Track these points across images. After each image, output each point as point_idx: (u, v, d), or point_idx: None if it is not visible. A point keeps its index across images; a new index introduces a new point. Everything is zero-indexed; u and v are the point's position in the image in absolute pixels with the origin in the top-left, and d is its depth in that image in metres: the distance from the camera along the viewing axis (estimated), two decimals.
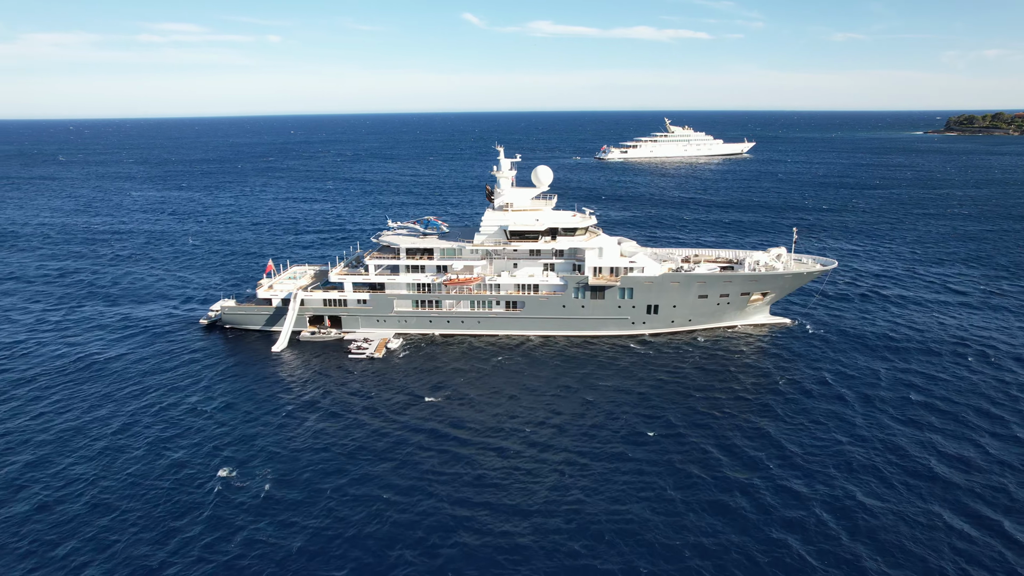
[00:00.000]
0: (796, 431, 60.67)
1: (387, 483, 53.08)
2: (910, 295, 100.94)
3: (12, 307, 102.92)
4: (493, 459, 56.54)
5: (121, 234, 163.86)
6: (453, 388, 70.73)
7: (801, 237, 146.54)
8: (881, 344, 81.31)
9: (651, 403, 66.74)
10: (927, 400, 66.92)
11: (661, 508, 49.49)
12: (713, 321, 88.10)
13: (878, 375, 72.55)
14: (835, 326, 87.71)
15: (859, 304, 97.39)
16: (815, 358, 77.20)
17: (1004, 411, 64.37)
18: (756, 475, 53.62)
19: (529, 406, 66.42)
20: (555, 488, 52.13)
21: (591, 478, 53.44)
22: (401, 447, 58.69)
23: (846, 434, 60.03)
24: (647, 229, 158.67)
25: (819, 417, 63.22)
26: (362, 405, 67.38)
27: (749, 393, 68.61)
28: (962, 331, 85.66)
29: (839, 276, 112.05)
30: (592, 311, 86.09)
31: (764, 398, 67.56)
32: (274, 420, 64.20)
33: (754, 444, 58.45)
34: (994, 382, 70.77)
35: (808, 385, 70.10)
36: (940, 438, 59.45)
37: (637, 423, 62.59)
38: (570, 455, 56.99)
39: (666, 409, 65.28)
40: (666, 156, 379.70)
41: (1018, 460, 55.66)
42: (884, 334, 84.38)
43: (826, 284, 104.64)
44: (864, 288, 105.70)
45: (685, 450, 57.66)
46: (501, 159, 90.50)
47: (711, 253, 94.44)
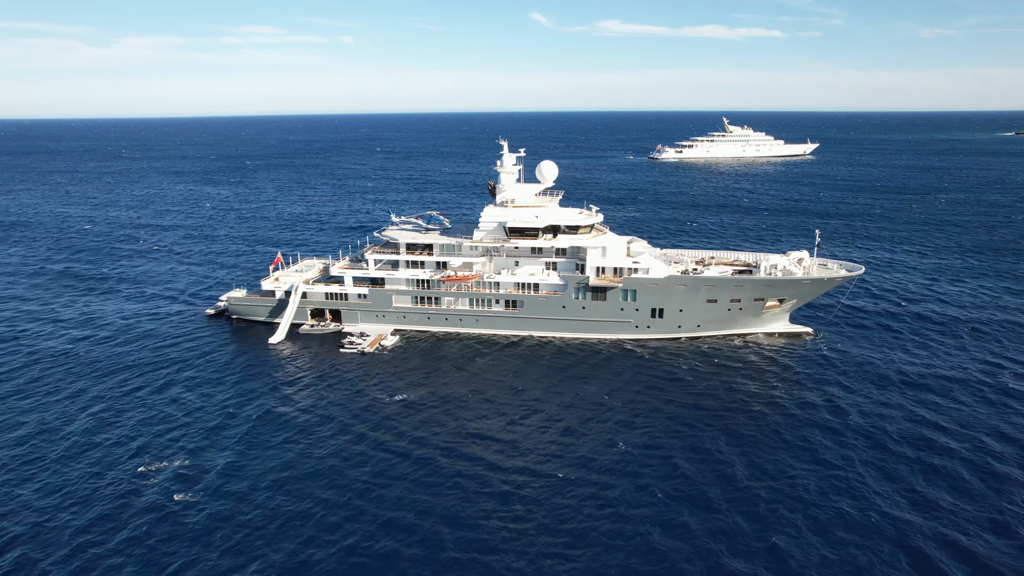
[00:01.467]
0: (758, 467, 53.61)
1: (327, 482, 51.55)
2: (949, 315, 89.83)
3: (42, 288, 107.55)
4: (439, 465, 54.00)
5: (158, 227, 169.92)
6: (429, 389, 68.53)
7: (844, 242, 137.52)
8: (900, 374, 70.29)
9: (620, 413, 62.71)
10: (936, 462, 53.20)
11: (605, 529, 45.84)
12: (725, 328, 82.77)
13: (887, 413, 61.64)
14: (856, 343, 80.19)
15: (890, 321, 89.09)
16: (820, 380, 68.90)
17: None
18: (689, 512, 48.95)
19: (499, 411, 63.39)
20: (497, 500, 49.19)
21: (538, 495, 50.06)
22: (351, 446, 56.96)
23: (812, 487, 49.85)
24: (677, 232, 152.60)
25: (787, 460, 55.12)
26: (330, 401, 66.26)
27: (729, 411, 62.90)
28: (998, 370, 75.48)
29: (873, 285, 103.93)
30: (593, 313, 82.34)
31: (738, 420, 61.81)
32: (238, 411, 63.88)
33: (704, 473, 53.04)
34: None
35: (797, 411, 62.28)
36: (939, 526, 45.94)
37: (604, 435, 58.77)
38: (524, 466, 53.63)
39: (636, 424, 61.01)
40: (723, 157, 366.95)
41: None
42: (907, 362, 73.78)
43: (851, 292, 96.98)
44: (897, 300, 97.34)
45: (638, 469, 53.56)
46: (504, 154, 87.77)
47: (728, 255, 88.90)
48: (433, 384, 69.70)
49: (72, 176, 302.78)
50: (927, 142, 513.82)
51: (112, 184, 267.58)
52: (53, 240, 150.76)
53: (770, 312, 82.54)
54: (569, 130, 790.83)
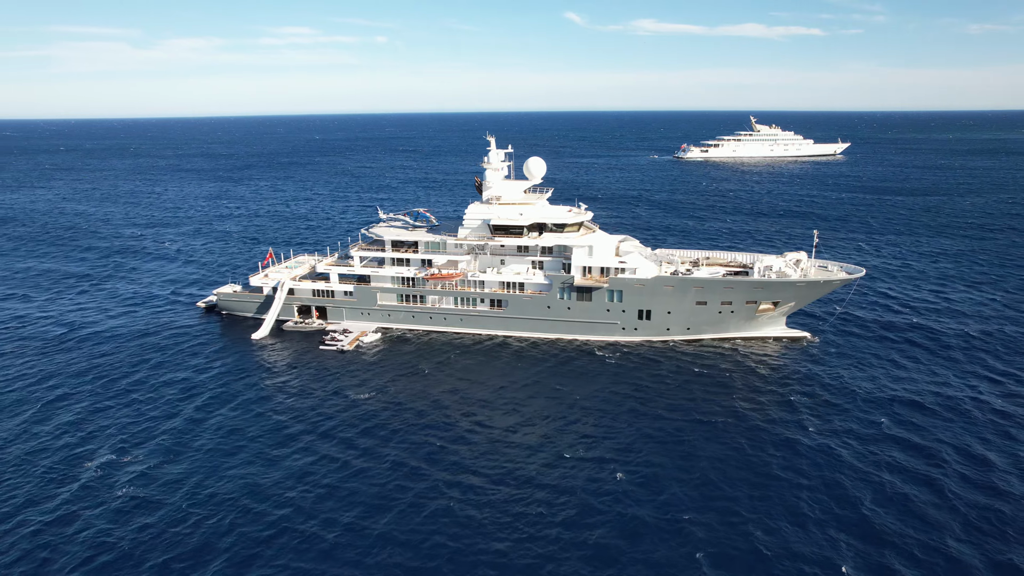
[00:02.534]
0: (710, 488, 50.06)
1: (256, 481, 50.60)
2: (955, 327, 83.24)
3: (44, 278, 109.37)
4: (377, 464, 52.64)
5: (170, 222, 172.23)
6: (394, 388, 67.12)
7: (857, 244, 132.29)
8: (892, 388, 65.72)
9: (585, 416, 60.31)
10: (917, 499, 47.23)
11: (525, 539, 43.68)
12: (717, 331, 79.59)
13: (871, 435, 56.82)
14: (853, 350, 76.18)
15: (891, 331, 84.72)
16: (803, 390, 64.64)
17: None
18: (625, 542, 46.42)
19: (456, 411, 61.56)
20: (431, 503, 47.42)
21: (479, 504, 48.16)
22: (293, 447, 55.89)
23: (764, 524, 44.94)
24: (682, 232, 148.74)
25: (742, 479, 51.65)
26: (292, 398, 65.39)
27: (698, 421, 60.23)
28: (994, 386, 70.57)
29: (885, 290, 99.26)
30: (578, 313, 79.97)
31: (703, 430, 59.16)
32: (191, 403, 63.78)
33: (654, 493, 50.55)
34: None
35: (765, 424, 58.71)
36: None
37: (561, 440, 56.49)
38: (463, 471, 51.64)
39: (593, 435, 58.53)
40: (749, 156, 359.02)
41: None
42: (902, 377, 68.68)
43: (857, 296, 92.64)
44: (906, 307, 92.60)
45: (575, 482, 51.13)
46: (491, 150, 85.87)
47: (724, 256, 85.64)
48: (400, 384, 68.20)
49: (98, 173, 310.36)
50: (968, 141, 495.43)
51: (134, 181, 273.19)
52: (66, 232, 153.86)
53: (765, 315, 79.12)
54: (598, 129, 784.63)
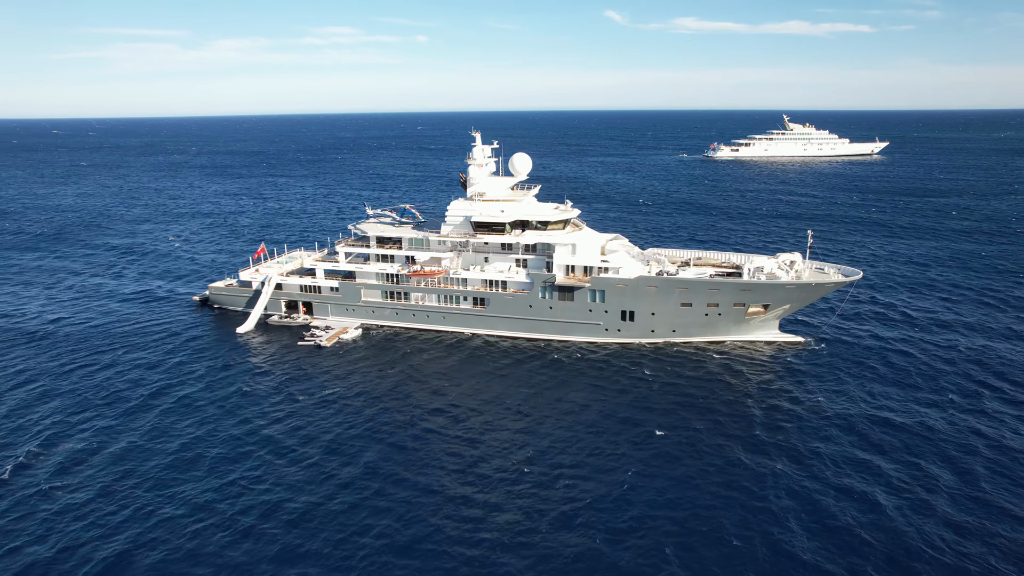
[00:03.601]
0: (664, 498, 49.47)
1: (165, 474, 50.18)
2: (957, 343, 75.88)
3: (51, 269, 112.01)
4: (318, 464, 51.57)
5: (185, 215, 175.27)
6: (359, 385, 66.22)
7: (875, 247, 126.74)
8: (874, 406, 61.40)
9: (541, 415, 58.29)
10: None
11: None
12: (704, 334, 76.61)
13: (842, 453, 52.93)
14: (845, 358, 72.42)
15: (887, 340, 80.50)
16: (776, 401, 61.26)
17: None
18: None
19: (409, 413, 60.21)
20: (357, 503, 46.08)
21: (400, 511, 46.65)
22: (243, 438, 55.40)
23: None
24: (690, 232, 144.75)
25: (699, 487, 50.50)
26: (251, 391, 65.18)
27: (667, 429, 57.84)
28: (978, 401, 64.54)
29: (888, 294, 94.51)
30: (560, 313, 77.90)
31: (667, 441, 56.60)
32: (146, 390, 63.98)
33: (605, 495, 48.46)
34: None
35: (731, 440, 55.99)
36: None
37: (510, 445, 54.60)
38: (404, 476, 49.99)
39: (544, 444, 56.44)
40: (781, 156, 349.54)
41: None
42: (889, 395, 63.64)
43: (851, 299, 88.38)
44: (905, 317, 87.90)
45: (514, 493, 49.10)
46: (476, 145, 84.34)
47: (717, 257, 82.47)
48: (361, 383, 67.17)
49: (129, 170, 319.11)
50: (1020, 140, 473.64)
51: (160, 178, 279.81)
52: (82, 225, 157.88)
53: (757, 319, 75.80)
54: (632, 128, 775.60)
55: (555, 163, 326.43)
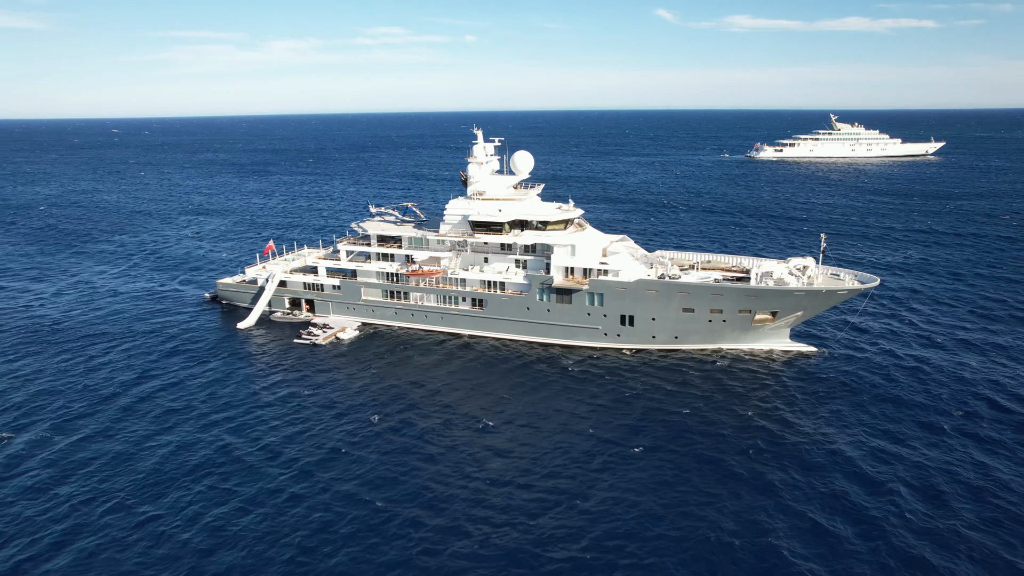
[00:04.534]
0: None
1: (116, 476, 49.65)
2: (974, 365, 69.98)
3: (72, 261, 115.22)
4: (262, 467, 50.48)
5: (212, 211, 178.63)
6: (337, 388, 65.12)
7: (907, 254, 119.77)
8: (876, 430, 58.95)
9: (513, 422, 55.92)
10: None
11: None
12: (708, 341, 73.03)
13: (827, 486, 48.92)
14: (859, 371, 68.11)
15: (903, 358, 74.96)
16: (768, 432, 56.04)
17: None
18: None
19: (376, 417, 58.72)
20: (308, 517, 44.65)
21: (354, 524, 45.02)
22: (198, 438, 54.90)
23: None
24: (713, 235, 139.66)
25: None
26: (223, 390, 64.73)
27: (646, 445, 54.77)
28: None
29: (913, 305, 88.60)
30: (558, 316, 75.42)
31: (647, 460, 53.46)
32: (128, 380, 64.17)
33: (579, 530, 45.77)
34: None
35: (719, 458, 52.62)
36: None
37: (470, 451, 52.44)
38: (343, 482, 48.46)
39: (509, 455, 53.92)
40: (828, 156, 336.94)
41: None
42: (892, 418, 60.08)
43: (867, 307, 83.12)
44: (924, 332, 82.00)
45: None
46: (476, 143, 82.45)
47: (727, 260, 78.60)
48: (347, 381, 66.26)
49: (168, 167, 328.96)
50: None
51: (196, 175, 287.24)
52: (112, 220, 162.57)
53: (765, 326, 71.81)
54: (678, 128, 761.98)
55: (589, 163, 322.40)
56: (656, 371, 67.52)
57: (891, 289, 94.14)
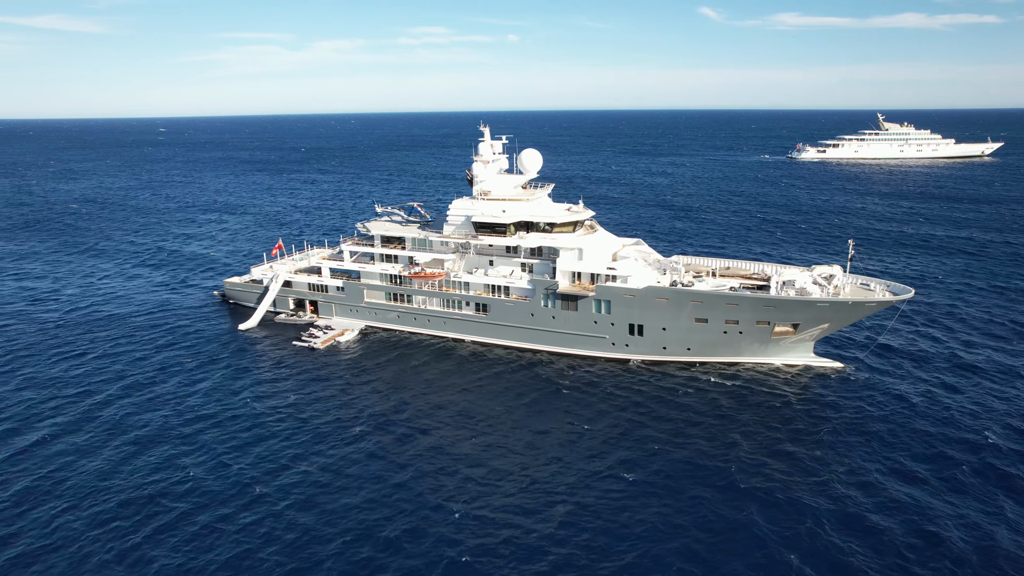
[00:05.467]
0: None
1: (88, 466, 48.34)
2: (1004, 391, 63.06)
3: (88, 257, 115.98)
4: (223, 475, 47.87)
5: (236, 208, 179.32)
6: (318, 397, 62.46)
7: (961, 264, 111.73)
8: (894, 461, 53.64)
9: (492, 439, 52.16)
10: None
11: None
12: (723, 354, 68.12)
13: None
14: (883, 391, 62.34)
15: (933, 382, 68.67)
16: (772, 459, 51.11)
17: None
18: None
19: (358, 429, 55.73)
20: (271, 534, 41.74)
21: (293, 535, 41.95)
22: (150, 445, 52.87)
23: None
24: (736, 239, 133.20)
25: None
26: (201, 394, 62.80)
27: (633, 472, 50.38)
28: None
29: (953, 322, 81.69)
30: (564, 324, 71.47)
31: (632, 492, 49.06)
32: (113, 381, 62.55)
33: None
34: None
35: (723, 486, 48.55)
36: None
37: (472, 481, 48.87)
38: (330, 506, 45.41)
39: (491, 475, 50.24)
40: (874, 157, 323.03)
41: None
42: (915, 454, 56.85)
43: (896, 321, 76.72)
44: (961, 354, 75.18)
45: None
46: (482, 141, 78.95)
47: (747, 267, 73.49)
48: (332, 389, 63.58)
49: (199, 165, 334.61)
50: None
51: (223, 173, 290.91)
52: (131, 216, 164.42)
53: (785, 339, 66.55)
54: (719, 127, 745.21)
55: (622, 163, 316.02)
56: (661, 386, 63.02)
57: (928, 302, 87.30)
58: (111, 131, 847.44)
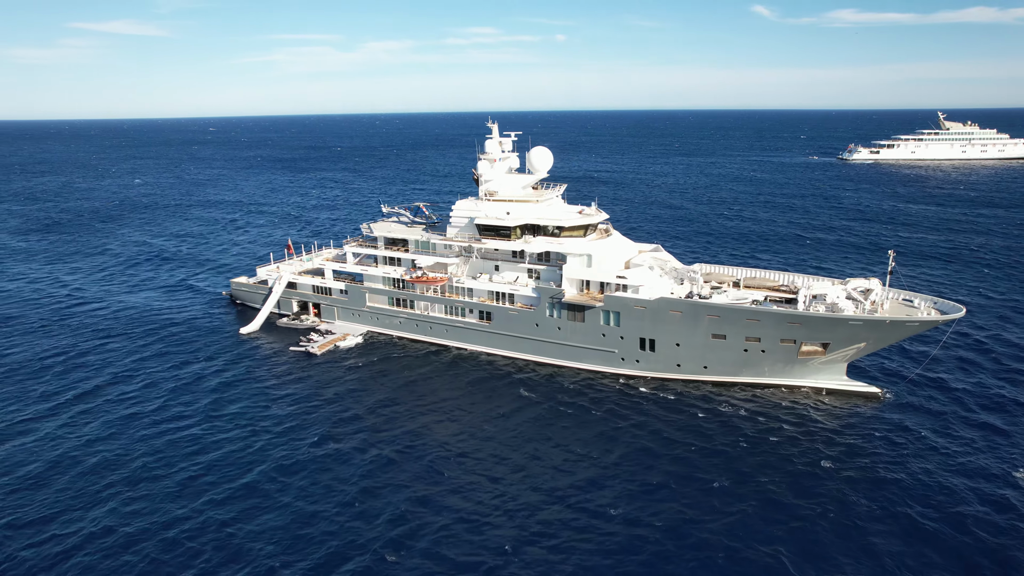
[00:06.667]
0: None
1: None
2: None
3: (106, 252, 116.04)
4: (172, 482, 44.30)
5: (259, 209, 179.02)
6: (299, 407, 58.86)
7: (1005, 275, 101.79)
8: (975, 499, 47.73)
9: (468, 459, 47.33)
10: None
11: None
12: (744, 374, 61.87)
13: None
14: (915, 439, 55.04)
15: (985, 411, 60.87)
16: (783, 497, 46.29)
17: None
18: None
19: (333, 445, 51.70)
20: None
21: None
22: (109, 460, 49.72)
23: None
24: (771, 246, 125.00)
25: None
26: (161, 404, 59.77)
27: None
28: None
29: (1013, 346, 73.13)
30: (570, 336, 66.34)
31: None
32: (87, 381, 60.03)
33: None
34: None
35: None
36: None
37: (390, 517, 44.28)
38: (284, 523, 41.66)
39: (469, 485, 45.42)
40: (933, 159, 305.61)
41: None
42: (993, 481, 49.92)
43: (948, 342, 68.84)
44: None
45: None
46: (490, 138, 74.34)
47: (775, 279, 66.90)
48: (316, 397, 60.12)
49: (237, 162, 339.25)
50: None
51: (254, 171, 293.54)
52: (152, 212, 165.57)
53: (814, 359, 59.93)
54: (766, 128, 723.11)
55: (660, 164, 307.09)
56: (666, 408, 57.27)
57: (984, 323, 78.75)
58: (166, 130, 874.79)
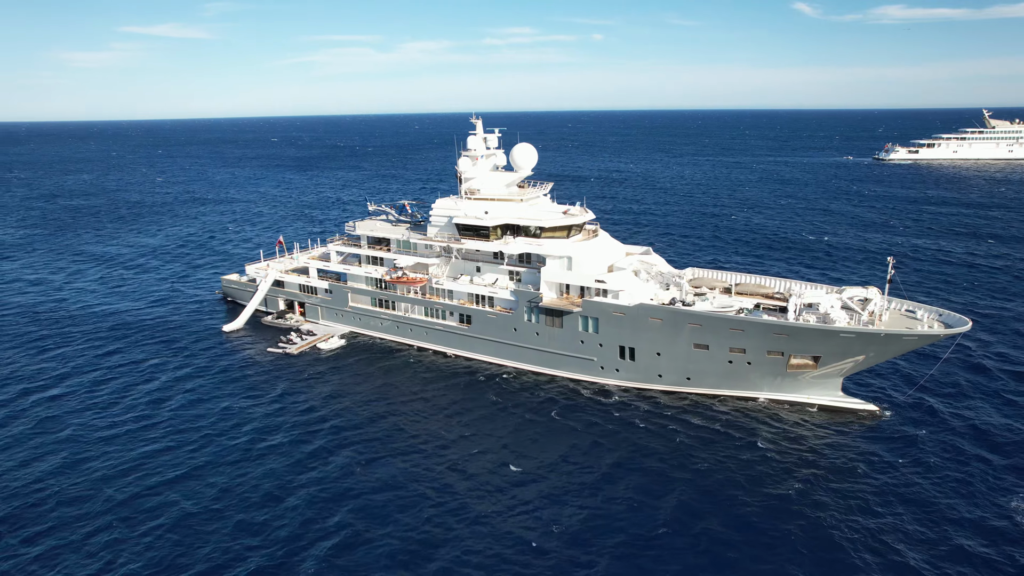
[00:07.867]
0: None
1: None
2: None
3: (104, 250, 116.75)
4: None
5: (268, 204, 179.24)
6: (266, 408, 56.96)
7: None
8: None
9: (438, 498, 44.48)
10: None
11: None
12: (730, 386, 57.93)
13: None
14: (911, 464, 50.39)
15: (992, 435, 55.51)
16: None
17: None
18: None
19: (309, 450, 49.51)
20: None
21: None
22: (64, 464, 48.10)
23: None
24: (782, 250, 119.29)
25: None
26: (149, 401, 58.35)
27: None
28: None
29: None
30: (548, 342, 63.20)
31: None
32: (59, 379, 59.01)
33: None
34: None
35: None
36: None
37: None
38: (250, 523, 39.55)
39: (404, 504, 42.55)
40: (976, 159, 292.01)
41: None
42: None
43: (952, 355, 63.38)
44: None
45: None
46: (472, 134, 71.48)
47: (771, 284, 62.54)
48: (285, 400, 58.16)
49: (259, 160, 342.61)
50: None
51: (271, 171, 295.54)
52: (157, 210, 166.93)
53: (806, 373, 55.68)
54: (805, 127, 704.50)
55: (683, 165, 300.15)
56: (640, 420, 53.77)
57: (992, 339, 72.94)
58: (198, 130, 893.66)
